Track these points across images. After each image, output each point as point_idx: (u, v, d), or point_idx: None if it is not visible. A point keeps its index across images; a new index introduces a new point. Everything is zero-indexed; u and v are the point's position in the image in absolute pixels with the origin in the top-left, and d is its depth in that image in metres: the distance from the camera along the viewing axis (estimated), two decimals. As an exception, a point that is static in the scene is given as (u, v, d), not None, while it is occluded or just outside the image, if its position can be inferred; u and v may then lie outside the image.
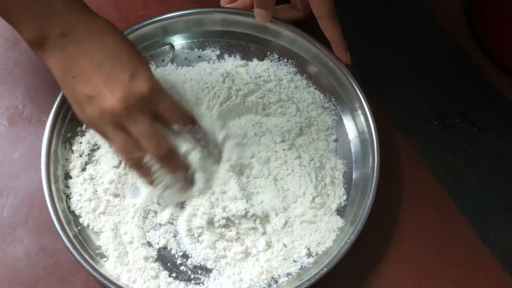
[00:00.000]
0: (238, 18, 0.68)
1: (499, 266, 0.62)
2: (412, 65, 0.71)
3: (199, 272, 0.60)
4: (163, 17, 0.67)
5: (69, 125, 0.63)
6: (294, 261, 0.60)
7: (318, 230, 0.61)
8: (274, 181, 0.62)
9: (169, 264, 0.60)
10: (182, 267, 0.60)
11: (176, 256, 0.60)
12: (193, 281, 0.59)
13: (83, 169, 0.63)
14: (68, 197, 0.61)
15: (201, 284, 0.59)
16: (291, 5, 0.67)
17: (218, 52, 0.69)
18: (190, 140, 0.57)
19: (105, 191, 0.61)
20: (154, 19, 0.66)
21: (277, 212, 0.61)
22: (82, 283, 0.59)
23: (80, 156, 0.63)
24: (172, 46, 0.68)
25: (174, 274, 0.59)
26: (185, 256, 0.60)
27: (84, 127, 0.64)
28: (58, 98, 0.62)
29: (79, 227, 0.60)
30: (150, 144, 0.54)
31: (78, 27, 0.53)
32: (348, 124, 0.66)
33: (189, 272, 0.60)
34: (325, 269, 0.56)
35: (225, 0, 0.68)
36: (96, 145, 0.63)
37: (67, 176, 0.62)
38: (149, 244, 0.60)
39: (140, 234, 0.60)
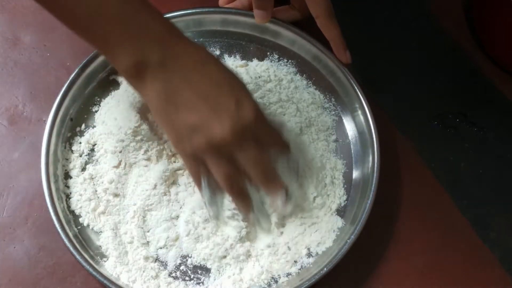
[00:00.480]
0: (238, 18, 0.68)
1: (499, 266, 0.62)
2: (412, 65, 0.71)
3: (199, 272, 0.59)
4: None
5: (69, 125, 0.63)
6: (294, 261, 0.60)
7: (318, 230, 0.61)
8: (274, 181, 0.62)
9: (169, 264, 0.60)
10: (182, 267, 0.60)
11: (176, 256, 0.60)
12: (193, 281, 0.59)
13: (83, 169, 0.63)
14: (68, 196, 0.61)
15: (201, 284, 0.59)
16: (291, 6, 0.67)
17: (218, 52, 0.69)
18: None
19: (105, 190, 0.61)
20: (154, 19, 0.66)
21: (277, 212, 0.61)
22: (82, 283, 0.59)
23: (80, 156, 0.63)
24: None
25: (174, 274, 0.59)
26: (185, 256, 0.60)
27: (83, 126, 0.64)
28: (58, 98, 0.62)
29: (79, 227, 0.60)
30: (259, 171, 0.54)
31: (178, 56, 0.51)
32: (348, 124, 0.66)
33: (189, 272, 0.59)
34: (325, 269, 0.56)
35: (224, 0, 0.68)
36: (96, 144, 0.63)
37: (67, 176, 0.62)
38: (149, 244, 0.60)
39: (140, 234, 0.60)
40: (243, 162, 0.53)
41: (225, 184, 0.55)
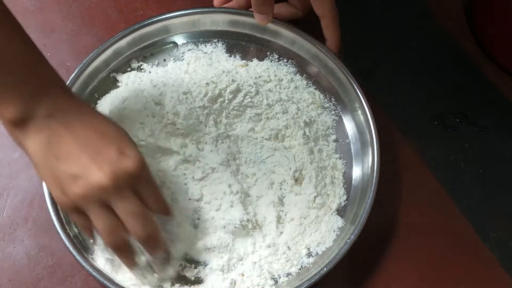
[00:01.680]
0: (238, 18, 0.68)
1: (499, 266, 0.62)
2: (412, 65, 0.71)
3: (199, 271, 0.59)
4: (163, 17, 0.67)
5: (69, 125, 0.63)
6: (294, 261, 0.60)
7: (318, 230, 0.61)
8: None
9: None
10: (181, 267, 0.60)
11: (176, 255, 0.60)
12: (192, 280, 0.59)
13: (83, 169, 0.62)
14: (68, 197, 0.61)
15: (200, 283, 0.59)
16: (289, 4, 0.67)
17: (218, 52, 0.69)
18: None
19: (105, 191, 0.61)
20: (155, 19, 0.66)
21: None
22: (82, 283, 0.59)
23: (80, 156, 0.63)
24: (176, 45, 0.68)
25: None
26: (185, 255, 0.60)
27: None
28: (58, 98, 0.62)
29: (79, 227, 0.60)
30: (137, 224, 0.52)
31: (65, 109, 0.51)
32: (348, 124, 0.66)
33: (189, 271, 0.59)
34: (325, 269, 0.56)
35: (219, 0, 0.68)
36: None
37: (67, 176, 0.62)
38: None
39: (140, 234, 0.60)
40: (122, 212, 0.51)
41: (104, 236, 0.53)
